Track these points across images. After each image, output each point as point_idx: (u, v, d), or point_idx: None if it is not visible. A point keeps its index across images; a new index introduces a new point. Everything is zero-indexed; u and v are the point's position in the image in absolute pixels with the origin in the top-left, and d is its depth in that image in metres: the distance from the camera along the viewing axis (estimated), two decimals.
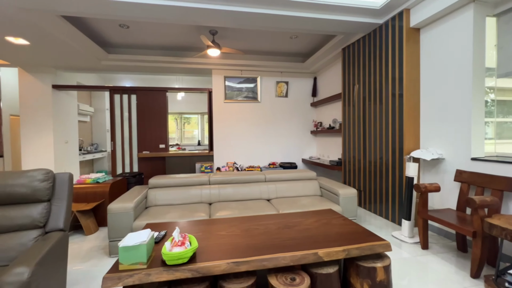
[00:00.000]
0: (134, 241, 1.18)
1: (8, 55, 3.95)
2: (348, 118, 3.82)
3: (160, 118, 5.04)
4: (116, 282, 1.11)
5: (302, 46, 4.42)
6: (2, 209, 1.49)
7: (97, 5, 2.58)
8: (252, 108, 5.22)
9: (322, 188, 3.01)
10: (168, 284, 1.20)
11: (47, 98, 4.63)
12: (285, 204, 2.61)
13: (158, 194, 2.68)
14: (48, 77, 4.63)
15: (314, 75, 5.40)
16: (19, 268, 1.12)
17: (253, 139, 5.26)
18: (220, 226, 1.71)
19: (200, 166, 4.91)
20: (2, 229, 1.45)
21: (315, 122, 5.34)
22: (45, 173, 1.62)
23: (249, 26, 3.16)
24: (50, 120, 4.66)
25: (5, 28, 3.02)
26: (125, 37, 3.87)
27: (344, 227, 1.64)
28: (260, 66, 4.96)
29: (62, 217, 1.63)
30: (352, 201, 2.63)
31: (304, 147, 5.48)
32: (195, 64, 4.68)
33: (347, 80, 3.84)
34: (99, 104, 6.94)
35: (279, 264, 1.25)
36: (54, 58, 4.13)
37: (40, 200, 1.58)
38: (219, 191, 2.81)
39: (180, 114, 8.01)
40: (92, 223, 2.82)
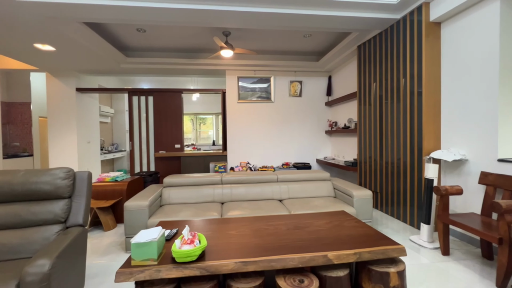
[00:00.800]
0: (145, 238, 1.22)
1: (37, 61, 4.22)
2: (364, 117, 3.71)
3: (175, 119, 5.16)
4: (128, 277, 1.15)
5: (316, 44, 4.36)
6: (28, 204, 1.59)
7: (116, 11, 2.69)
8: (266, 108, 5.21)
9: (336, 189, 2.94)
10: (178, 281, 1.23)
11: (71, 100, 4.90)
12: (297, 204, 2.58)
13: (172, 193, 2.75)
14: (72, 80, 4.90)
15: (328, 74, 5.29)
16: (41, 260, 1.20)
17: (267, 139, 5.25)
18: (230, 226, 1.72)
19: (214, 166, 4.98)
20: (27, 223, 1.55)
21: (330, 122, 5.24)
22: (66, 171, 1.71)
23: (262, 26, 3.16)
24: (74, 121, 4.93)
25: (34, 36, 3.23)
26: (142, 40, 4.01)
27: (356, 230, 1.59)
28: (273, 66, 4.94)
29: (81, 213, 1.71)
30: (367, 203, 2.55)
31: (318, 147, 5.39)
32: (209, 65, 4.75)
33: (363, 78, 3.73)
34: (119, 106, 7.24)
35: (287, 265, 1.24)
36: (77, 63, 4.37)
37: (62, 196, 1.67)
38: (231, 191, 2.83)
39: (195, 114, 8.17)
40: (110, 220, 2.95)
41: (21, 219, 1.54)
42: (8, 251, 1.45)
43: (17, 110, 5.78)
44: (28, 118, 5.81)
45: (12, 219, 1.53)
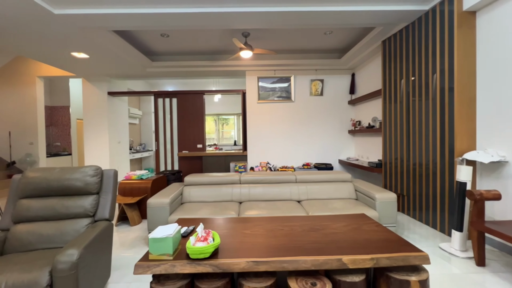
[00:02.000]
0: (162, 233, 1.28)
1: (74, 68, 4.61)
2: (389, 116, 3.52)
3: (197, 120, 5.32)
4: (145, 270, 1.21)
5: (338, 41, 4.22)
6: (62, 199, 1.75)
7: (141, 18, 2.84)
8: (286, 108, 5.17)
9: (358, 191, 2.83)
10: (192, 277, 1.27)
11: (104, 103, 5.28)
12: (315, 206, 2.52)
13: (192, 191, 2.84)
14: (104, 85, 5.28)
15: (351, 71, 5.10)
16: (70, 250, 1.31)
17: (287, 139, 5.20)
18: (246, 225, 1.74)
19: (234, 166, 5.05)
20: (61, 216, 1.71)
21: (353, 121, 5.04)
22: (95, 169, 1.85)
23: (283, 26, 3.13)
24: (106, 122, 5.30)
25: (71, 45, 3.53)
26: (166, 45, 4.20)
27: (375, 234, 1.52)
28: (293, 65, 4.88)
29: (108, 208, 1.84)
30: (390, 207, 2.42)
31: (341, 147, 5.22)
32: (229, 66, 4.83)
33: (388, 75, 3.53)
34: (147, 108, 7.65)
35: (299, 267, 1.22)
36: (108, 68, 4.69)
37: (91, 192, 1.81)
38: (249, 191, 2.85)
39: (217, 115, 8.35)
40: (136, 215, 3.12)
41: (56, 212, 1.70)
42: (45, 240, 1.61)
43: (58, 113, 6.37)
44: (67, 120, 6.37)
45: (49, 212, 1.69)
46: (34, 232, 1.62)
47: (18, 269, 1.27)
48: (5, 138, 5.24)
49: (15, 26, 2.91)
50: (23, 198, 1.73)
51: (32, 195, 1.73)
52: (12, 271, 1.25)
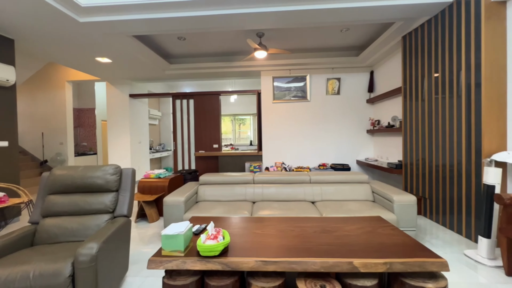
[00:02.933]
0: (174, 231, 1.32)
1: (98, 72, 4.89)
2: (410, 114, 3.36)
3: (214, 120, 5.42)
4: (158, 265, 1.26)
5: (355, 38, 4.10)
6: (84, 196, 1.86)
7: (160, 23, 2.95)
8: (301, 108, 5.11)
9: (375, 193, 2.73)
10: (202, 274, 1.30)
11: (126, 105, 5.54)
12: (329, 207, 2.47)
13: (207, 190, 2.90)
14: (126, 88, 5.54)
15: (370, 69, 4.93)
16: (90, 244, 1.39)
17: (302, 139, 5.14)
18: (257, 225, 1.74)
19: (249, 166, 5.08)
20: (84, 212, 1.82)
21: (372, 120, 4.87)
22: (114, 168, 1.95)
23: (297, 25, 3.10)
24: (128, 123, 5.56)
25: (95, 51, 3.75)
26: (183, 48, 4.32)
27: (391, 238, 1.46)
28: (309, 64, 4.81)
29: (126, 205, 1.93)
30: (410, 210, 2.30)
31: (359, 147, 5.06)
32: (244, 67, 4.87)
33: (409, 72, 3.37)
34: (166, 109, 7.91)
35: (308, 268, 1.20)
36: (129, 71, 4.92)
37: (111, 190, 1.91)
38: (263, 191, 2.85)
39: (234, 115, 8.44)
40: (154, 213, 3.25)
41: (80, 208, 1.81)
42: (69, 234, 1.72)
43: (85, 115, 6.78)
44: (93, 122, 6.76)
45: (73, 208, 1.81)
46: (60, 225, 1.74)
47: (45, 260, 1.37)
48: (39, 138, 5.68)
49: (46, 35, 3.14)
50: (51, 194, 1.86)
51: (59, 191, 1.85)
52: (40, 261, 1.36)
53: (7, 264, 1.34)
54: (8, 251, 1.51)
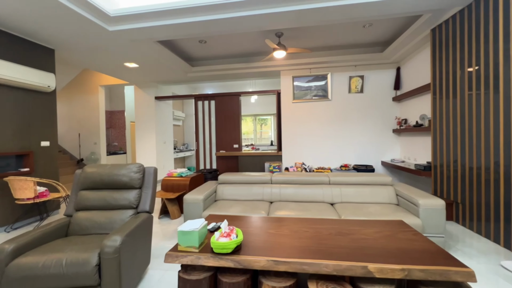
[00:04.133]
0: (189, 227, 1.37)
1: (127, 76, 5.21)
2: (440, 112, 3.13)
3: (234, 121, 5.50)
4: (174, 259, 1.32)
5: (379, 34, 3.93)
6: (111, 192, 2.00)
7: (182, 28, 3.06)
8: (322, 107, 4.99)
9: (399, 196, 2.59)
10: (215, 270, 1.33)
11: (152, 107, 5.84)
12: (349, 210, 2.40)
13: (225, 190, 2.96)
14: (152, 90, 5.83)
15: (396, 65, 4.67)
16: (115, 236, 1.50)
17: (323, 139, 5.02)
18: (272, 224, 1.75)
19: (269, 166, 5.08)
20: (110, 207, 1.96)
21: (399, 119, 4.62)
22: (138, 166, 2.07)
23: (318, 22, 3.04)
24: (153, 124, 5.85)
25: (124, 57, 4.01)
26: (204, 51, 4.45)
27: (411, 243, 1.38)
28: (330, 62, 4.69)
29: (148, 201, 2.04)
30: (437, 215, 2.15)
31: (384, 148, 4.83)
32: (264, 67, 4.88)
33: (439, 67, 3.15)
34: (189, 110, 8.19)
35: (320, 271, 1.18)
36: (155, 75, 5.17)
37: (134, 187, 2.03)
38: (280, 191, 2.84)
39: (254, 116, 8.49)
40: (176, 210, 3.38)
41: (107, 203, 1.96)
42: (98, 226, 1.86)
43: (115, 117, 7.26)
44: (123, 123, 7.21)
45: (101, 203, 1.96)
46: (90, 219, 1.89)
47: (76, 249, 1.50)
48: (76, 139, 6.20)
49: (81, 44, 3.42)
50: (82, 190, 2.03)
51: (89, 187, 2.02)
52: (72, 250, 1.49)
53: (45, 251, 1.48)
54: (46, 240, 1.68)
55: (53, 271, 1.37)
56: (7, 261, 1.40)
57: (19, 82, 3.02)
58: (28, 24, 2.85)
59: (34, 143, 3.35)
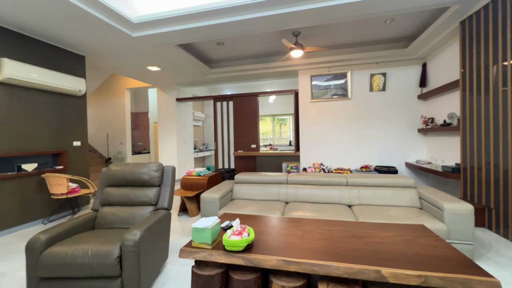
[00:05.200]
0: (202, 224, 1.42)
1: (150, 79, 5.47)
2: (471, 110, 2.91)
3: (252, 121, 5.54)
4: (188, 255, 1.37)
5: (402, 28, 3.75)
6: (133, 189, 2.12)
7: (201, 31, 3.15)
8: (342, 106, 4.86)
9: (423, 199, 2.45)
10: (227, 267, 1.36)
11: (173, 108, 6.07)
12: (367, 212, 2.31)
13: (241, 189, 2.99)
14: (173, 92, 6.06)
15: (422, 61, 4.42)
16: (135, 231, 1.59)
17: (343, 139, 4.89)
18: (285, 225, 1.74)
19: (286, 166, 5.04)
20: (132, 203, 2.07)
21: (425, 118, 4.37)
22: (157, 165, 2.17)
23: (336, 20, 2.97)
24: (175, 125, 6.07)
25: (146, 60, 4.21)
26: (222, 52, 4.54)
27: (431, 249, 1.30)
28: (350, 60, 4.56)
29: (167, 198, 2.13)
30: (465, 220, 2.01)
31: (408, 148, 4.59)
32: (281, 67, 4.86)
33: (469, 62, 2.93)
34: (209, 111, 8.38)
35: (331, 273, 1.16)
36: (176, 77, 5.37)
37: (154, 185, 2.13)
38: (296, 191, 2.82)
39: (273, 116, 8.48)
40: (194, 208, 3.49)
41: (129, 199, 2.08)
42: (120, 221, 1.99)
43: (140, 118, 7.64)
44: (146, 124, 7.57)
45: (124, 199, 2.08)
46: (114, 214, 2.02)
47: (100, 242, 1.61)
48: (104, 139, 6.62)
49: (108, 50, 3.66)
50: (107, 187, 2.17)
51: (113, 184, 2.15)
52: (97, 242, 1.60)
53: (74, 242, 1.61)
54: (75, 232, 1.82)
55: (80, 260, 1.49)
56: (41, 249, 1.54)
57: (55, 87, 3.30)
58: (62, 34, 3.11)
59: (67, 143, 3.64)
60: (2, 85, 2.89)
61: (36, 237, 1.57)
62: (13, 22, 2.80)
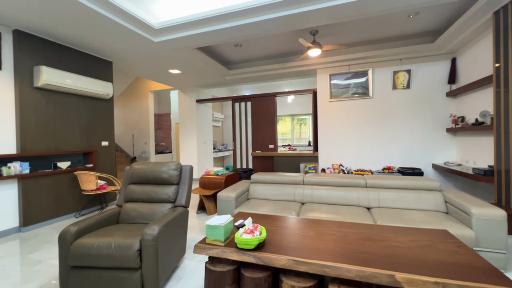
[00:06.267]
0: (216, 222, 1.46)
1: (172, 82, 5.69)
2: (506, 108, 2.68)
3: (270, 121, 5.55)
4: (202, 251, 1.42)
5: (428, 22, 3.55)
6: (153, 187, 2.23)
7: (219, 34, 3.23)
8: (362, 105, 4.70)
9: (449, 203, 2.31)
10: (239, 264, 1.39)
11: (193, 110, 6.26)
12: (387, 215, 2.23)
13: (257, 189, 3.02)
14: (193, 94, 6.25)
15: (451, 55, 4.14)
16: (153, 226, 1.67)
17: (363, 140, 4.72)
18: (298, 225, 1.74)
19: (304, 167, 4.99)
20: (152, 200, 2.19)
21: (454, 117, 4.08)
22: (176, 164, 2.26)
23: (356, 16, 2.89)
24: (195, 126, 6.26)
25: (168, 64, 4.39)
26: (240, 54, 4.60)
27: (452, 256, 1.23)
28: (371, 57, 4.40)
29: (184, 196, 2.22)
30: (497, 227, 1.86)
31: (436, 149, 4.32)
32: (299, 67, 4.82)
33: (503, 56, 2.70)
34: (228, 112, 8.52)
35: (342, 275, 1.14)
36: (195, 79, 5.54)
37: (173, 183, 2.23)
38: (312, 192, 2.79)
39: (291, 116, 8.42)
40: (212, 206, 3.58)
41: (149, 197, 2.19)
42: (141, 217, 2.10)
43: (163, 119, 7.97)
44: (169, 125, 7.88)
45: (145, 196, 2.20)
46: (136, 210, 2.14)
47: (123, 235, 1.72)
48: (130, 139, 7.00)
49: (133, 55, 3.88)
50: (130, 184, 2.31)
51: (136, 182, 2.28)
52: (120, 236, 1.71)
53: (99, 235, 1.74)
54: (101, 225, 1.96)
55: (105, 252, 1.60)
56: (71, 240, 1.68)
57: (85, 91, 3.56)
58: (92, 41, 3.36)
59: (96, 143, 3.91)
60: (41, 90, 3.19)
61: (67, 229, 1.72)
62: (51, 33, 3.08)
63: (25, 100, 3.03)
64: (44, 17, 2.71)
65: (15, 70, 2.97)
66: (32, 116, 3.10)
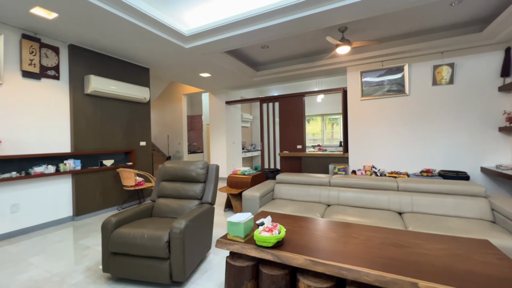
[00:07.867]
0: (236, 219, 1.52)
1: (203, 85, 5.97)
2: None
3: (297, 121, 5.49)
4: (223, 246, 1.50)
5: (473, 10, 3.20)
6: (182, 184, 2.39)
7: (247, 36, 3.31)
8: (397, 103, 4.41)
9: (496, 211, 2.07)
10: (258, 260, 1.43)
11: (222, 111, 6.48)
12: (421, 221, 2.08)
13: (282, 189, 3.03)
14: (223, 96, 6.47)
15: (505, 45, 3.66)
16: (181, 220, 1.80)
17: (399, 140, 4.42)
18: (320, 226, 1.72)
19: (333, 168, 4.84)
20: (181, 196, 2.34)
21: (509, 114, 3.61)
22: (203, 163, 2.39)
23: (389, 9, 2.73)
24: (224, 127, 6.47)
25: (198, 68, 4.63)
26: (267, 55, 4.65)
27: (489, 268, 1.11)
28: (407, 52, 4.10)
29: (210, 194, 2.33)
30: None
31: (485, 150, 3.87)
32: (328, 65, 4.70)
33: None
34: (257, 112, 8.64)
35: (360, 279, 1.12)
36: (225, 82, 5.73)
37: (200, 181, 2.36)
38: (339, 194, 2.71)
39: (322, 115, 8.22)
40: (239, 205, 3.68)
41: (179, 193, 2.35)
42: (172, 211, 2.27)
43: (195, 121, 8.38)
44: (200, 126, 8.26)
45: (175, 192, 2.37)
46: (167, 205, 2.32)
47: (154, 227, 1.88)
48: (165, 139, 7.51)
49: (167, 61, 4.17)
50: (162, 181, 2.50)
51: (167, 179, 2.47)
52: (152, 228, 1.88)
53: (135, 226, 1.93)
54: (136, 218, 2.17)
55: (139, 241, 1.78)
56: (112, 229, 1.90)
57: (126, 96, 3.94)
58: (131, 51, 3.70)
59: (135, 143, 4.29)
60: (90, 96, 3.61)
61: (108, 219, 1.94)
62: (97, 45, 3.47)
63: (77, 105, 3.47)
64: (93, 32, 3.07)
65: (70, 79, 3.42)
66: (83, 119, 3.52)
